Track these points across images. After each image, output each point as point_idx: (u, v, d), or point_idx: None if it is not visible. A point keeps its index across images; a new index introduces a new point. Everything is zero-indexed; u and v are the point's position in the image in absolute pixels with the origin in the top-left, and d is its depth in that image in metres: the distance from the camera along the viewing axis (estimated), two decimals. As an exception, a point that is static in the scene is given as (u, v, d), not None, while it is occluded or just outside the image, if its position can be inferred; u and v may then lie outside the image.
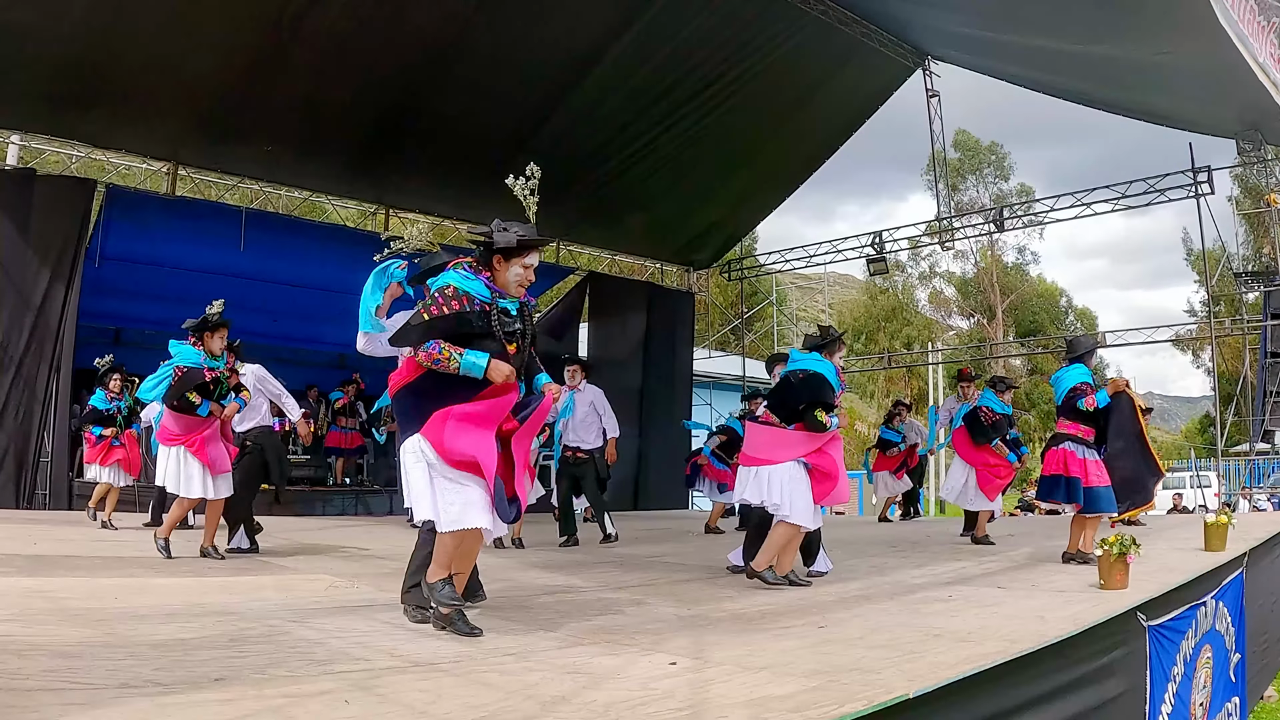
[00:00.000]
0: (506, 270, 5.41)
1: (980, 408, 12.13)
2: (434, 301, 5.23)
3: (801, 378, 7.93)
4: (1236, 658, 9.13)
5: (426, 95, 16.87)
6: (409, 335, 5.23)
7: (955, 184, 50.87)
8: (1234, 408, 24.25)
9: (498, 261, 5.41)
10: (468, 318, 5.23)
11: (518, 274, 5.42)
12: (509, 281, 5.42)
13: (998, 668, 4.65)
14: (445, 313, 5.19)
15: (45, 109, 14.82)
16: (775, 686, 4.16)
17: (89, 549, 9.71)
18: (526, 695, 3.96)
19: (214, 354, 9.23)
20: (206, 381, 9.12)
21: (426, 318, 5.17)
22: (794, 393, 7.94)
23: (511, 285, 5.42)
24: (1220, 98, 16.16)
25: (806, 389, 7.87)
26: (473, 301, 5.25)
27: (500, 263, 5.41)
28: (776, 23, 17.74)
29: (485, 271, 5.42)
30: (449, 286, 5.27)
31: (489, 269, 5.43)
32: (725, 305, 34.84)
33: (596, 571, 8.95)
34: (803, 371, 7.95)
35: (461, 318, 5.22)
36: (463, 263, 5.46)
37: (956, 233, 24.94)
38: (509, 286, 5.42)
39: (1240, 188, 42.84)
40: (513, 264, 5.41)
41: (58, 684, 3.94)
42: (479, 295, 5.30)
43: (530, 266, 5.48)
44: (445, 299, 5.21)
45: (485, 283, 5.36)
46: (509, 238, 5.38)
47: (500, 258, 5.41)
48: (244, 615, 5.86)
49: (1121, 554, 7.26)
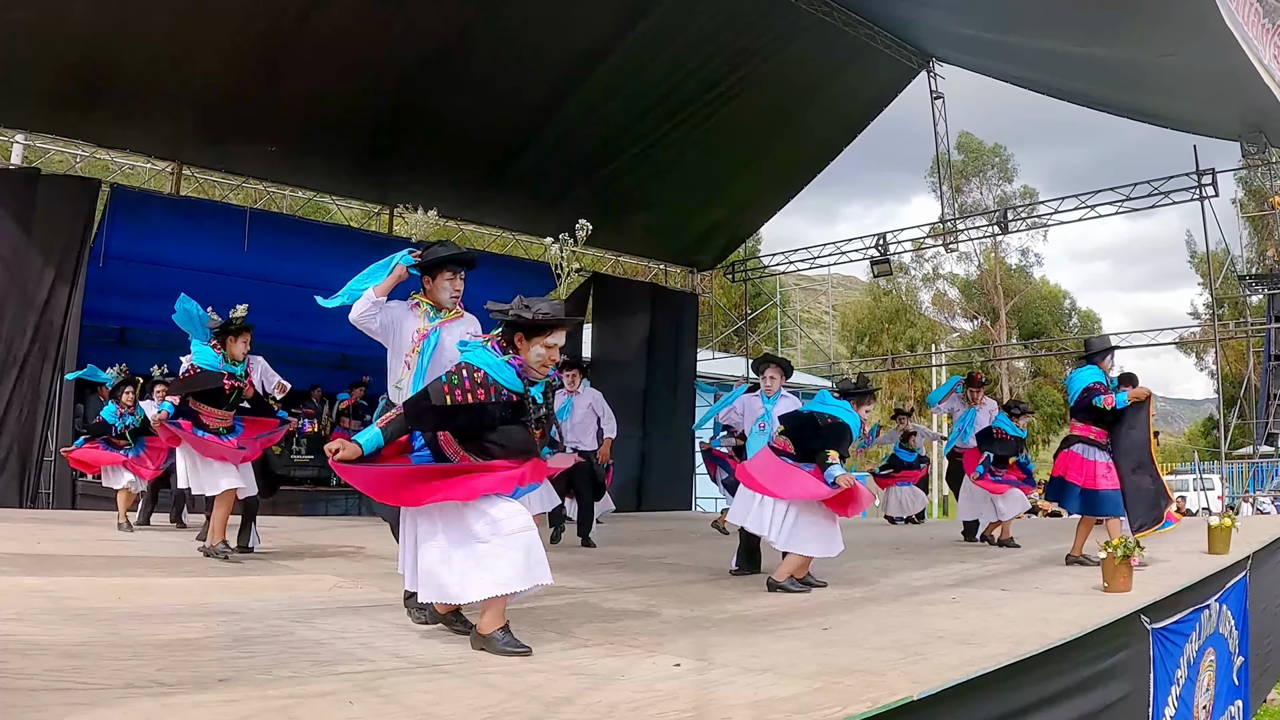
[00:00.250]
0: (528, 349, 5.09)
1: (994, 428, 12.17)
2: (459, 383, 4.94)
3: (829, 423, 7.92)
4: (1240, 661, 9.13)
5: (430, 95, 16.87)
6: (427, 417, 4.98)
7: (959, 186, 50.79)
8: (1237, 410, 24.27)
9: (519, 339, 5.10)
10: (490, 410, 4.99)
11: (539, 354, 5.10)
12: (530, 361, 5.11)
13: (1001, 670, 4.64)
14: (468, 401, 4.93)
15: (50, 109, 14.85)
16: (779, 688, 4.16)
17: (92, 548, 9.70)
18: (530, 697, 3.96)
19: (235, 359, 9.19)
20: (222, 388, 9.09)
21: (449, 401, 4.91)
22: (820, 436, 7.91)
23: (534, 365, 5.12)
24: (1224, 100, 16.18)
25: (832, 435, 7.86)
26: (500, 391, 4.98)
27: (521, 341, 5.10)
28: (780, 24, 17.73)
29: (516, 355, 5.11)
30: (479, 371, 4.97)
31: (511, 346, 5.13)
32: (729, 306, 34.82)
33: (600, 573, 8.95)
34: (831, 418, 7.94)
35: (483, 409, 4.98)
36: (492, 340, 5.19)
37: (960, 235, 24.94)
38: (531, 366, 5.13)
39: (1244, 190, 42.84)
40: (534, 343, 5.08)
41: (61, 684, 3.94)
42: (510, 386, 5.04)
43: (554, 346, 5.14)
44: (472, 384, 4.94)
45: (515, 366, 5.08)
46: (534, 318, 5.07)
47: (521, 335, 5.10)
48: (247, 615, 5.85)
49: (1125, 556, 7.27)
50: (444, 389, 4.92)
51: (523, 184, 19.73)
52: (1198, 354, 49.85)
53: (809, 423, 8.04)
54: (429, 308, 6.19)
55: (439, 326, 6.13)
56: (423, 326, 6.10)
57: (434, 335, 6.07)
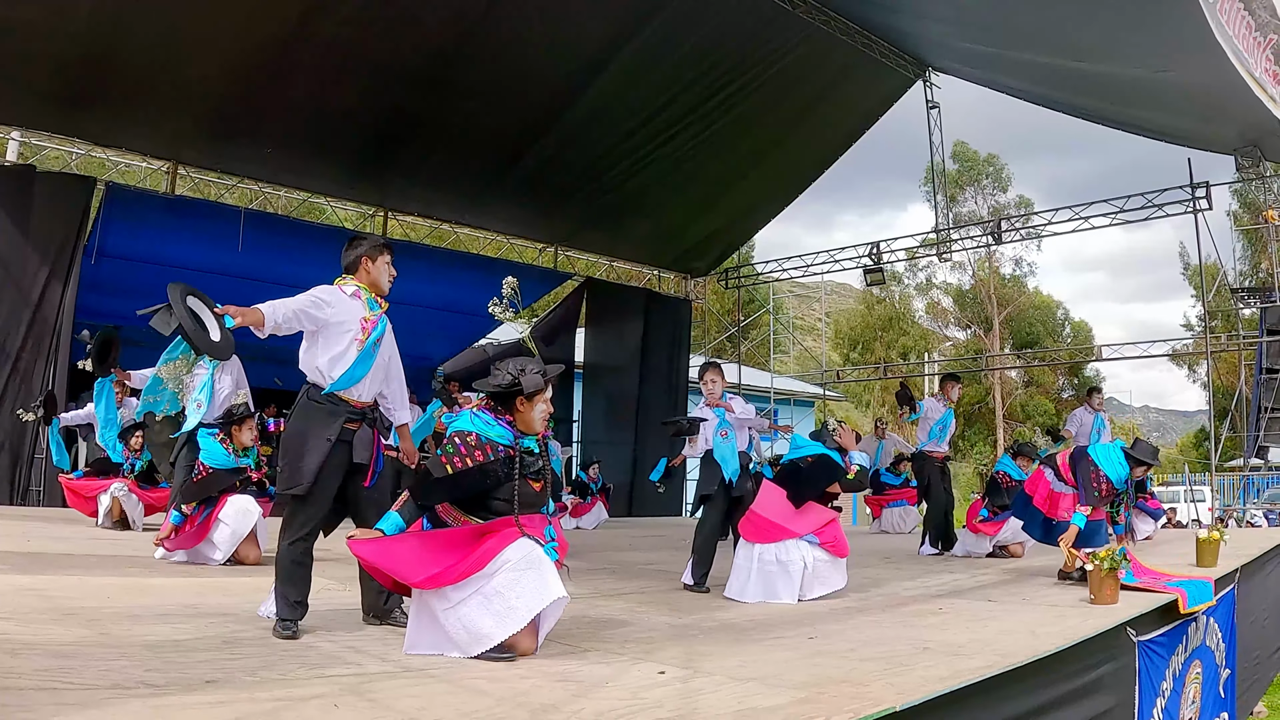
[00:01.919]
0: (531, 410, 5.22)
1: (998, 473, 12.11)
2: (455, 451, 5.05)
3: (810, 463, 7.97)
4: (1226, 673, 9.15)
5: (429, 99, 16.88)
6: (435, 491, 5.06)
7: (954, 195, 50.88)
8: (1229, 423, 24.31)
9: (520, 403, 5.22)
10: (491, 469, 5.07)
11: (542, 410, 5.25)
12: (533, 420, 5.23)
13: (986, 681, 4.67)
14: (469, 465, 5.02)
15: (47, 106, 14.86)
16: (764, 698, 4.18)
17: (84, 547, 9.73)
18: (517, 703, 3.98)
19: (244, 446, 9.28)
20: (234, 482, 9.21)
21: (450, 470, 5.02)
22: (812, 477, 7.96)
23: (537, 424, 5.25)
24: (1219, 114, 16.21)
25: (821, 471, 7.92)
26: (496, 449, 5.09)
27: (524, 404, 5.22)
28: (780, 34, 17.75)
29: (506, 415, 5.23)
30: (471, 435, 5.09)
31: (510, 413, 5.26)
32: (721, 312, 34.84)
33: (589, 579, 8.97)
34: (810, 457, 8.01)
35: (485, 470, 5.07)
36: (479, 405, 5.30)
37: (954, 244, 24.97)
38: (533, 425, 5.25)
39: (1239, 203, 42.95)
40: (536, 402, 5.23)
41: (51, 684, 3.97)
42: (502, 441, 5.14)
43: (549, 401, 5.33)
44: (469, 449, 5.05)
45: (506, 426, 5.20)
46: (535, 380, 5.17)
47: (523, 399, 5.22)
48: (238, 617, 5.88)
49: (1112, 569, 7.29)
50: (442, 461, 5.01)
51: (520, 189, 19.76)
52: (1190, 366, 49.95)
53: (793, 472, 8.12)
54: (369, 298, 5.96)
55: (382, 315, 5.98)
56: (368, 315, 5.91)
57: (381, 324, 5.91)
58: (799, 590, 7.69)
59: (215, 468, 9.11)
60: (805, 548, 7.77)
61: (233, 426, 9.27)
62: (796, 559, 7.72)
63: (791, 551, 7.75)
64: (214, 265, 17.30)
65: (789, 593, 7.67)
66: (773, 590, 7.73)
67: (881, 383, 49.45)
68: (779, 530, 7.82)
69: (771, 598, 7.71)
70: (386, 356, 5.95)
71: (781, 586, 7.71)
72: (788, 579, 7.71)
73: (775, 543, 7.80)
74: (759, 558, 7.84)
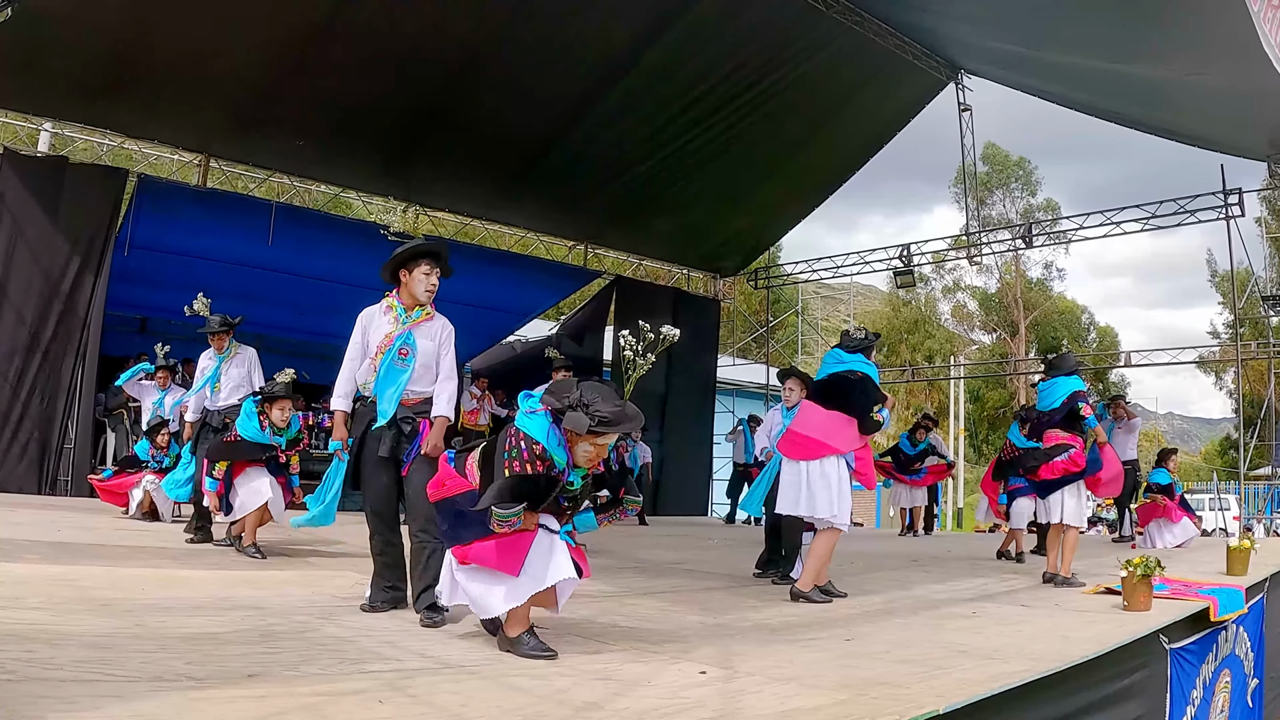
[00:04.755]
0: (577, 444, 5.08)
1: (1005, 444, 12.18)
2: (518, 456, 4.94)
3: (859, 378, 7.92)
4: (1254, 683, 9.12)
5: (458, 95, 16.90)
6: (501, 493, 4.89)
7: (983, 198, 50.72)
8: (1255, 431, 24.16)
9: (568, 433, 5.05)
10: (542, 484, 4.98)
11: (587, 451, 5.09)
12: (577, 455, 5.11)
13: (1026, 686, 4.65)
14: (530, 473, 4.93)
15: (79, 97, 14.89)
16: (804, 699, 4.17)
17: (111, 538, 9.77)
18: (559, 701, 3.97)
19: (278, 426, 9.34)
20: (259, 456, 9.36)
21: (509, 473, 4.91)
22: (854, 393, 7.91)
23: (581, 459, 5.13)
24: (1254, 120, 16.10)
25: (865, 391, 7.87)
26: (551, 468, 4.99)
27: (570, 434, 5.09)
28: (810, 33, 17.66)
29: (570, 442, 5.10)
30: (538, 445, 4.95)
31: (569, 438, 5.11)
32: (749, 312, 34.79)
33: (619, 577, 8.96)
34: (858, 373, 7.95)
35: (537, 484, 4.97)
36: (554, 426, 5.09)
37: (984, 247, 24.85)
38: (578, 459, 5.13)
39: (1269, 210, 42.67)
40: (583, 439, 5.05)
41: (89, 675, 3.98)
42: (560, 468, 5.04)
43: (603, 445, 5.16)
44: (533, 457, 4.93)
45: (565, 450, 5.07)
46: (580, 420, 4.93)
47: (571, 432, 5.05)
48: (271, 610, 5.88)
49: (1145, 575, 7.24)
50: (505, 465, 4.95)
51: (547, 185, 19.76)
52: (1217, 373, 49.67)
53: (841, 383, 8.03)
54: (400, 311, 6.22)
55: (410, 329, 6.18)
56: (392, 330, 6.15)
57: (401, 338, 6.13)
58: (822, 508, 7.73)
59: (244, 438, 9.26)
60: (844, 469, 7.81)
61: (267, 404, 9.33)
62: (834, 474, 7.75)
63: (829, 466, 7.78)
64: (244, 258, 17.40)
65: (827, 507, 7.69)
66: (813, 504, 7.77)
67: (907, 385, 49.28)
68: (821, 447, 7.82)
69: (812, 512, 7.80)
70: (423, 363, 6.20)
71: (821, 502, 7.72)
72: (828, 492, 7.72)
73: (818, 459, 7.82)
74: (807, 473, 7.86)
